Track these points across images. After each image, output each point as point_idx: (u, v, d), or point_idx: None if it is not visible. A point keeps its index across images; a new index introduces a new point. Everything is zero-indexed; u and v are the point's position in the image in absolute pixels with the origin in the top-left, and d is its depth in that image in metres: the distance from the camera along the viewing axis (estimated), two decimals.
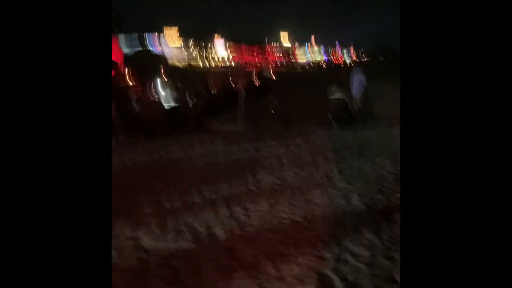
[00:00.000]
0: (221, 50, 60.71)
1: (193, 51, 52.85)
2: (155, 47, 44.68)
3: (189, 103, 8.76)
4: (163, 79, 11.88)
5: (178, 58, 49.99)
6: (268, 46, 69.69)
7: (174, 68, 38.81)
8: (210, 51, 53.83)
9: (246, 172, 5.10)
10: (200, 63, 50.83)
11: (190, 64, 48.11)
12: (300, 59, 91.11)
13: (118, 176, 4.49)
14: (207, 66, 48.68)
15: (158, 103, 8.21)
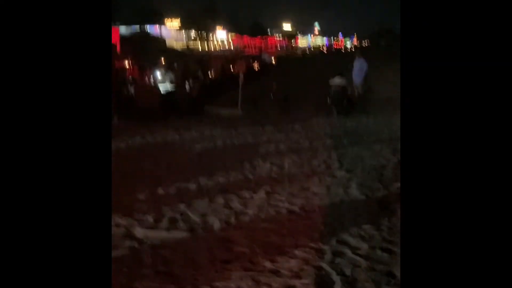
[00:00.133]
0: (220, 33, 59.87)
1: (192, 33, 52.05)
2: (153, 28, 43.92)
3: (186, 87, 8.57)
4: (160, 61, 11.67)
5: (177, 39, 49.27)
6: (270, 37, 68.80)
7: (172, 50, 38.31)
8: (210, 34, 53.05)
9: (243, 158, 4.99)
10: (199, 46, 50.11)
11: (188, 47, 47.47)
12: (301, 44, 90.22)
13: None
14: (206, 49, 47.98)
15: (154, 86, 8.03)
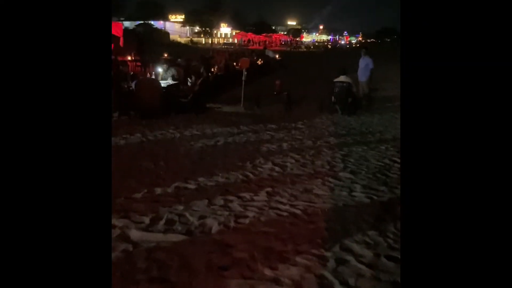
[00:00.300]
0: (224, 28, 59.41)
1: (195, 27, 51.68)
2: (157, 24, 43.60)
3: (187, 81, 8.42)
4: (163, 55, 11.51)
5: (180, 33, 48.96)
6: (274, 34, 68.34)
7: (175, 43, 38.06)
8: (214, 30, 52.65)
9: (244, 156, 4.87)
10: (203, 39, 49.78)
11: (192, 40, 47.18)
12: (305, 39, 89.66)
13: None
14: (209, 42, 47.65)
15: (156, 80, 7.88)
